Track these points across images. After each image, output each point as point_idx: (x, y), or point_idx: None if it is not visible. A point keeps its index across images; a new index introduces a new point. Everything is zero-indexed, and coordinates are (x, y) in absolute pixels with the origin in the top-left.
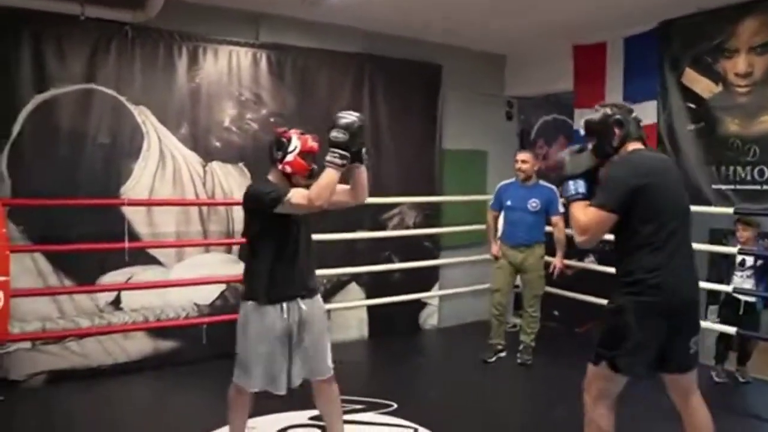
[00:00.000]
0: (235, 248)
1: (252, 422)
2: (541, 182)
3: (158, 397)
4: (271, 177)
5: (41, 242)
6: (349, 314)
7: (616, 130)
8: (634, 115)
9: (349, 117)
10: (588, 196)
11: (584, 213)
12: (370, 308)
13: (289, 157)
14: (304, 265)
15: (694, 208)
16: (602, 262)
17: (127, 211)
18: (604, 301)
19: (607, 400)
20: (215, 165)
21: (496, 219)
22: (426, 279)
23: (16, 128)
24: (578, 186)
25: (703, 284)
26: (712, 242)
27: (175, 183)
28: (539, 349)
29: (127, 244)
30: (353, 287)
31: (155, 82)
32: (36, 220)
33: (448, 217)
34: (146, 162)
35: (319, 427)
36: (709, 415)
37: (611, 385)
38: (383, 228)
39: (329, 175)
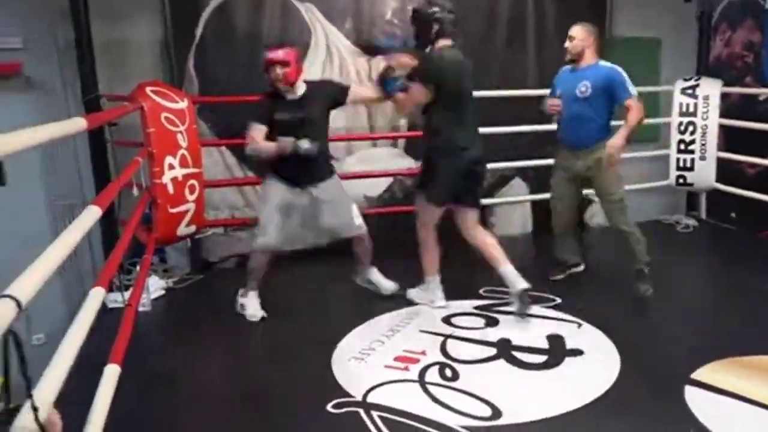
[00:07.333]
0: (401, 142)
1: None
2: (601, 63)
3: (335, 280)
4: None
5: (226, 137)
6: (513, 209)
7: (435, 26)
8: (451, 15)
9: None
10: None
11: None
12: (534, 203)
13: None
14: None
15: None
16: None
17: None
18: None
19: (429, 225)
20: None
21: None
22: None
23: (198, 31)
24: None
25: None
26: None
27: (341, 78)
28: (716, 252)
29: None
30: (517, 182)
31: None
32: (221, 117)
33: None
34: (314, 58)
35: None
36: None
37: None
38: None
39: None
